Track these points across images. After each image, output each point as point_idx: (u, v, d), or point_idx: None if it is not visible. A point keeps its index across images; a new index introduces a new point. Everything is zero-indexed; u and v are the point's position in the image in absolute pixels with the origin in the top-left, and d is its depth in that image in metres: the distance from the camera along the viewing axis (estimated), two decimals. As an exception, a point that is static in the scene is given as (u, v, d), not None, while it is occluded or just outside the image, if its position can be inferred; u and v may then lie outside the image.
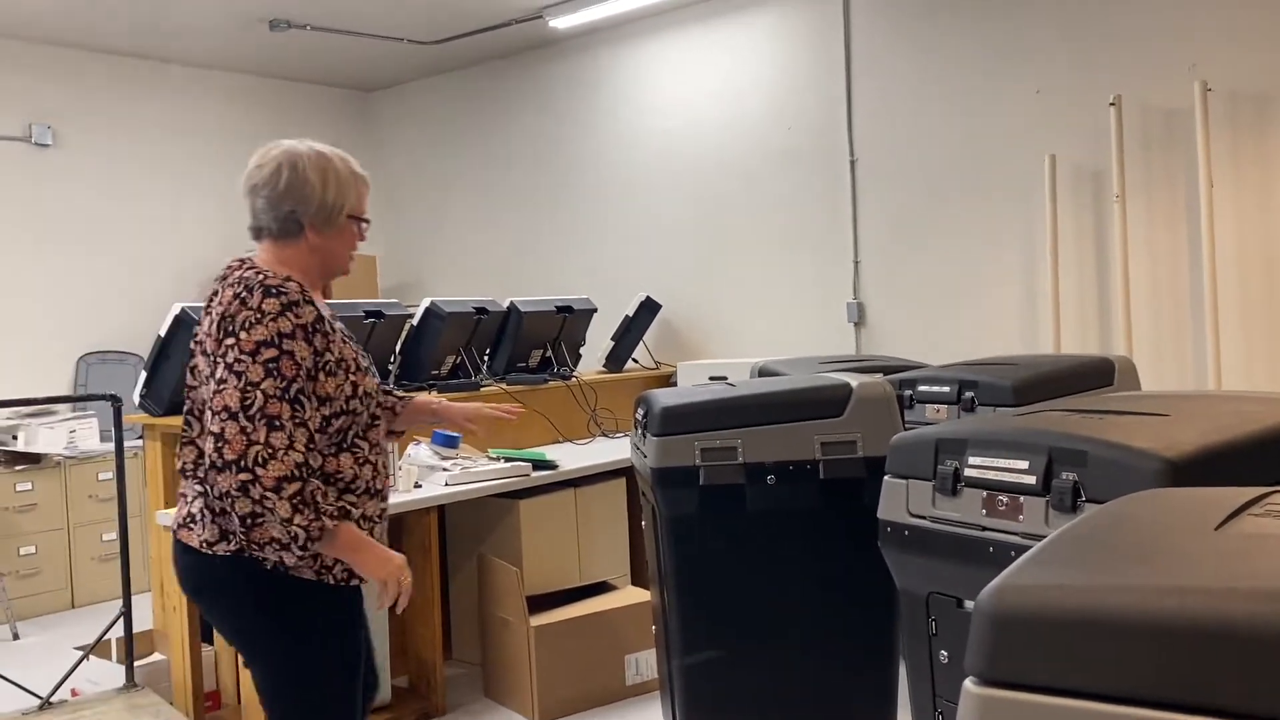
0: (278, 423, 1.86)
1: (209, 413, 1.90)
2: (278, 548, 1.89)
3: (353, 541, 1.96)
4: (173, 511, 3.45)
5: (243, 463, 1.83)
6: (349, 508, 2.01)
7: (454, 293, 6.77)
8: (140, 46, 6.03)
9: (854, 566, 2.68)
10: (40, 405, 4.88)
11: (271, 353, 1.90)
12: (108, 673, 3.64)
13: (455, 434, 3.83)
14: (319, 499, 1.89)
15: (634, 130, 6.02)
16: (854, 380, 2.80)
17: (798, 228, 5.37)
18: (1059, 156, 4.47)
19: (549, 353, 4.90)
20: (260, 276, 1.96)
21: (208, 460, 1.88)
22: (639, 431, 2.88)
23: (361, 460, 2.05)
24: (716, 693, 2.73)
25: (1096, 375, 3.25)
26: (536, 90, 6.48)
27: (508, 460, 3.75)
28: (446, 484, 3.53)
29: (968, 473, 1.74)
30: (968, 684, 0.81)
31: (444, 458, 3.70)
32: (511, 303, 4.71)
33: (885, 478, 1.94)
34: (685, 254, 5.82)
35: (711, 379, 4.75)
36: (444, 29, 5.98)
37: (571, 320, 4.93)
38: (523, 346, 4.76)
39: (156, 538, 3.64)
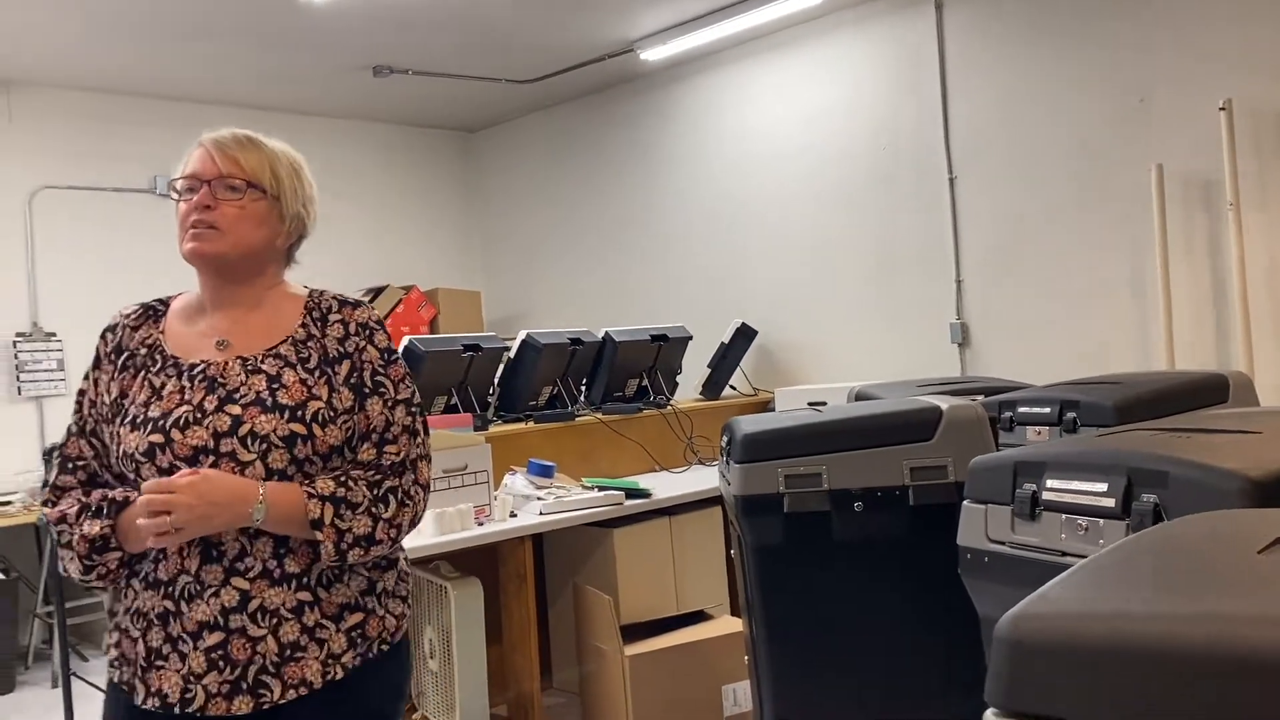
0: (69, 465, 1.67)
1: None
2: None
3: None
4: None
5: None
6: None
7: (557, 324, 6.87)
8: (253, 97, 6.33)
9: (947, 595, 2.59)
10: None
11: (82, 385, 1.71)
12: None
13: (550, 463, 3.88)
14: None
15: (726, 157, 6.02)
16: (944, 403, 2.73)
17: (896, 248, 5.28)
18: (1166, 166, 4.29)
19: (645, 381, 4.92)
20: None
21: None
22: (724, 459, 2.87)
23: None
24: (808, 724, 2.67)
25: (1209, 392, 3.09)
26: (630, 122, 6.55)
27: (601, 489, 3.77)
28: (540, 513, 3.57)
29: (1046, 496, 1.67)
30: (988, 715, 0.77)
31: (539, 486, 3.74)
32: (606, 333, 4.75)
33: (964, 502, 1.89)
34: (782, 279, 5.78)
35: (810, 404, 4.69)
36: (539, 68, 6.11)
37: (666, 349, 4.94)
38: (618, 376, 4.79)
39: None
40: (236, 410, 1.58)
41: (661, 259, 6.42)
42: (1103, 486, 1.57)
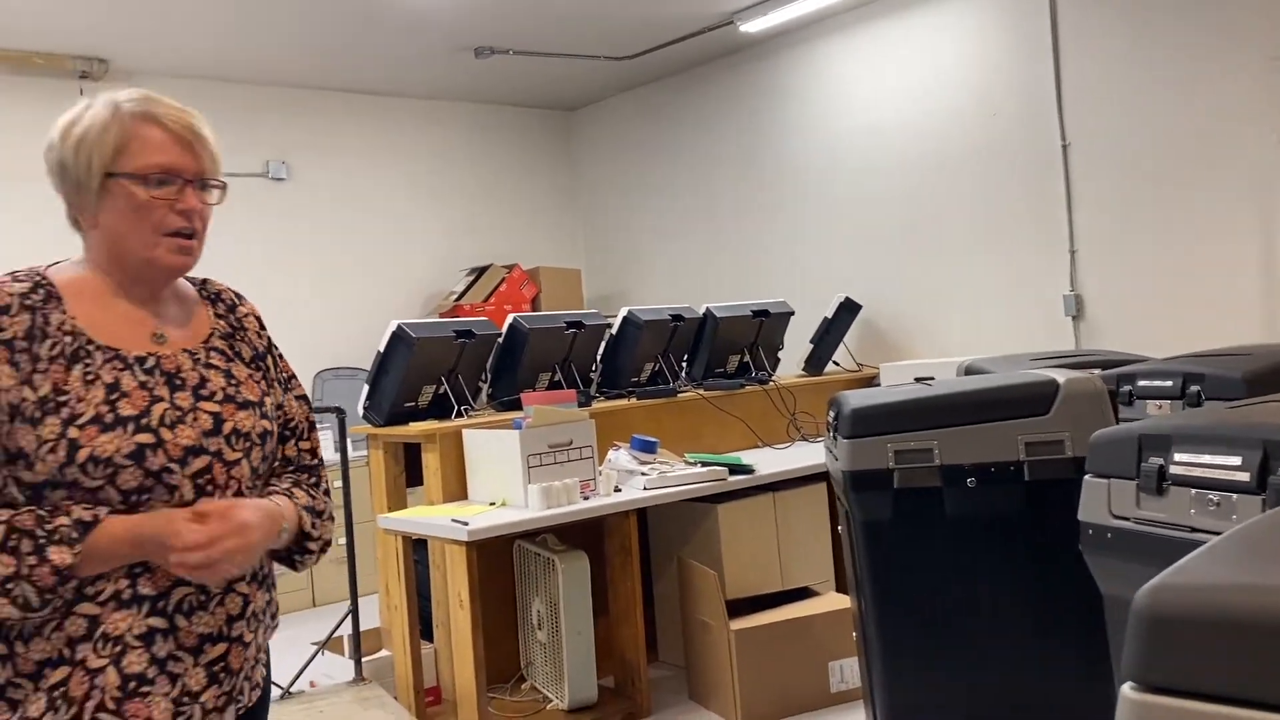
0: None
1: None
2: None
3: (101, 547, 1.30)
4: (395, 515, 3.69)
5: None
6: (95, 620, 1.33)
7: (656, 301, 6.89)
8: (360, 83, 6.47)
9: (1065, 573, 2.53)
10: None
11: None
12: (341, 667, 3.91)
13: (653, 439, 3.90)
14: None
15: (828, 129, 5.93)
16: (1061, 376, 2.65)
17: (1006, 218, 5.13)
18: (1299, 126, 4.07)
19: (746, 357, 4.90)
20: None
21: None
22: (830, 434, 2.84)
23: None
24: (918, 704, 2.64)
25: (1346, 364, 2.94)
26: (729, 96, 6.50)
27: (704, 465, 3.77)
28: (644, 488, 3.59)
29: (1174, 470, 1.61)
30: (1125, 689, 0.75)
31: (642, 462, 3.76)
32: (707, 309, 4.74)
33: (1085, 477, 1.83)
34: (886, 252, 5.68)
35: (917, 380, 4.61)
36: (637, 44, 6.10)
37: (768, 324, 4.90)
38: (720, 352, 4.78)
39: (381, 541, 3.89)
40: (214, 407, 1.42)
41: (763, 234, 6.37)
42: (1236, 460, 1.51)
